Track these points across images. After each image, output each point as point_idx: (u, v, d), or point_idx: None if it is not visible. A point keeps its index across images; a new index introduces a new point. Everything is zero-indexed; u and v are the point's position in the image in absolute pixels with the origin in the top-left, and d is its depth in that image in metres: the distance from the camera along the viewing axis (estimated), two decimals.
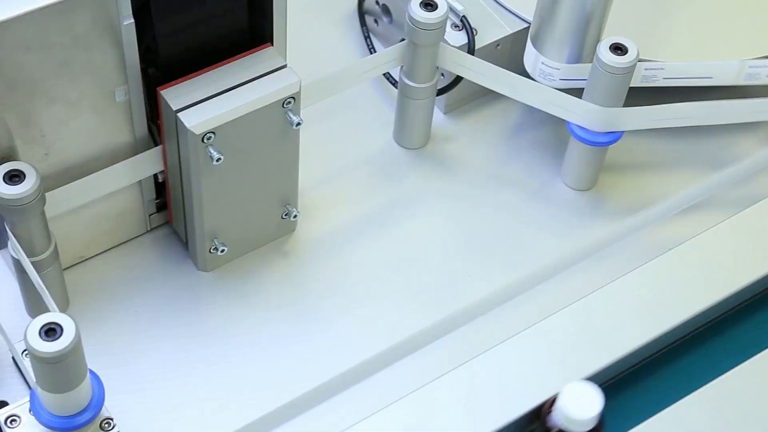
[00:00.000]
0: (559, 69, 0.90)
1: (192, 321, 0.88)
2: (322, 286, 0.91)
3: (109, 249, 0.90)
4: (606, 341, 0.86)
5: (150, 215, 0.90)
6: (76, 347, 0.68)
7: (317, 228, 0.94)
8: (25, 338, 0.68)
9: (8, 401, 0.80)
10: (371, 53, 1.03)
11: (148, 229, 0.91)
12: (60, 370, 0.69)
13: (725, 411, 0.83)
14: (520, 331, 0.87)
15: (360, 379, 0.86)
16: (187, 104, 0.78)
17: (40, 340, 0.68)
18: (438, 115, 1.01)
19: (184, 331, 0.87)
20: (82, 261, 0.89)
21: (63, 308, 0.86)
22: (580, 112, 0.89)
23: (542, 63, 0.91)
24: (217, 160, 0.79)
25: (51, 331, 0.68)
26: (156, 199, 0.89)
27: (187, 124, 0.77)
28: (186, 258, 0.91)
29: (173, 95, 0.79)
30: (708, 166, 0.99)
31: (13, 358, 0.83)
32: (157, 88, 0.79)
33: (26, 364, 0.75)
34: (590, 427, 0.78)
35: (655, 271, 0.90)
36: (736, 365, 0.86)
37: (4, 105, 0.73)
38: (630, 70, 0.86)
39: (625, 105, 0.90)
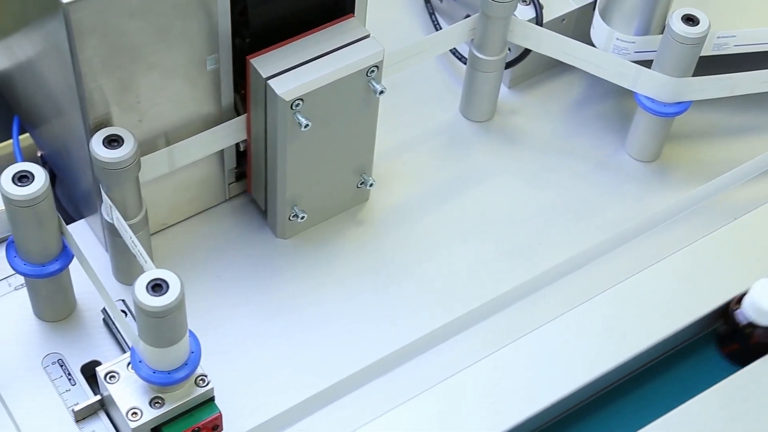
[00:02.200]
0: (634, 42, 0.92)
1: (271, 287, 0.90)
2: (395, 254, 0.93)
3: (190, 217, 0.93)
4: (673, 307, 0.89)
5: (229, 184, 0.92)
6: (180, 302, 0.71)
7: (389, 198, 0.96)
8: (133, 293, 0.70)
9: (101, 361, 0.83)
10: (436, 30, 1.05)
11: (227, 197, 0.94)
12: (164, 325, 0.71)
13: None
14: (587, 299, 0.89)
15: (437, 343, 0.88)
16: (276, 72, 0.81)
17: (148, 294, 0.70)
18: (502, 89, 1.03)
19: (264, 296, 0.90)
20: (165, 228, 0.92)
21: None
22: (650, 83, 0.91)
23: (617, 39, 0.92)
24: (305, 126, 0.81)
25: (157, 287, 0.70)
26: (235, 168, 0.92)
27: (278, 91, 0.80)
28: (263, 226, 0.93)
29: (262, 63, 0.81)
30: None
31: (104, 320, 0.85)
32: (247, 57, 0.81)
33: (125, 322, 0.77)
34: None
35: (721, 239, 0.92)
36: None
37: (106, 71, 0.76)
38: (701, 40, 0.88)
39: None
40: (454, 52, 1.04)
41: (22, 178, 0.75)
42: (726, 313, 0.88)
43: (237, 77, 0.84)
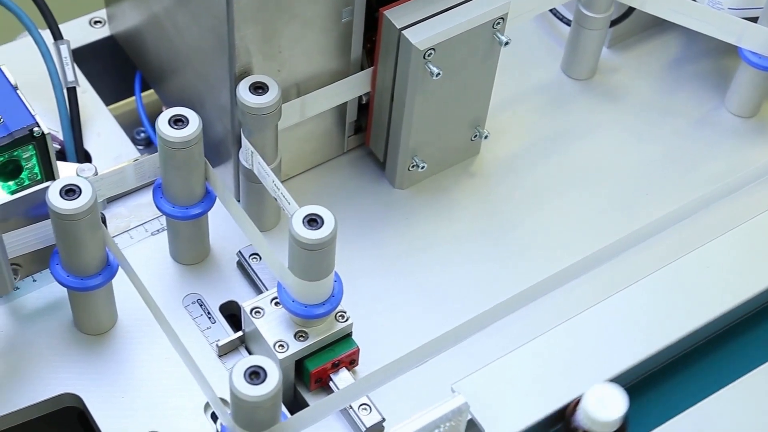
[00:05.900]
0: None
1: (391, 235, 0.93)
2: (509, 206, 0.96)
3: (310, 168, 0.96)
4: None
5: (348, 137, 0.96)
6: (334, 236, 0.74)
7: (499, 151, 0.99)
8: (290, 227, 0.74)
9: (238, 301, 0.87)
10: None
11: (344, 150, 0.97)
12: (317, 258, 0.75)
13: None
14: (693, 250, 0.92)
15: (548, 291, 0.91)
16: (409, 23, 0.84)
17: (305, 228, 0.74)
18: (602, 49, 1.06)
19: (385, 246, 0.93)
20: (287, 179, 0.95)
21: (275, 223, 0.92)
22: (757, 38, 0.94)
23: None
24: (437, 75, 0.85)
25: (313, 222, 0.74)
26: (355, 121, 0.95)
27: (412, 40, 0.83)
28: (381, 178, 0.97)
29: (396, 15, 0.84)
30: None
31: (238, 263, 0.89)
32: (380, 9, 0.85)
33: (274, 256, 0.80)
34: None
35: None
36: None
37: (254, 20, 0.79)
38: None
39: None
40: (555, 12, 1.07)
41: (178, 122, 0.78)
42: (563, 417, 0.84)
43: (366, 30, 0.88)
